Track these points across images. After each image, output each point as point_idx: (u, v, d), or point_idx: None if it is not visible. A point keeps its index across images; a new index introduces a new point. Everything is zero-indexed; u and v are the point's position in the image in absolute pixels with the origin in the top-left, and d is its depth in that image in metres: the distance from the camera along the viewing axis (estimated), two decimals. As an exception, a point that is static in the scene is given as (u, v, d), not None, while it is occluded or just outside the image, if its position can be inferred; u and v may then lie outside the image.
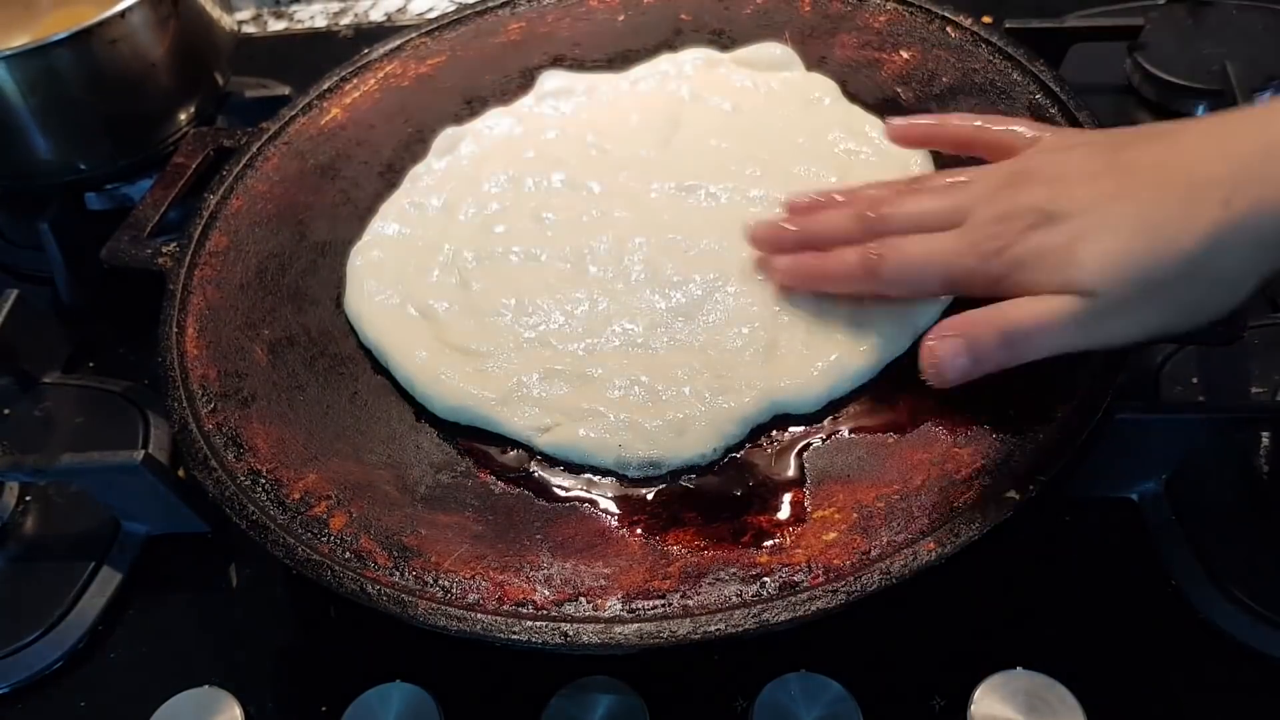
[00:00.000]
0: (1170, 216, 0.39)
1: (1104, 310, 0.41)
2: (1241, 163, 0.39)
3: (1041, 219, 0.43)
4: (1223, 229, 0.38)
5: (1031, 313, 0.42)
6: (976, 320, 0.43)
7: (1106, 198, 0.41)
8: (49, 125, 0.72)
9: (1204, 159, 0.40)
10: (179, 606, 0.58)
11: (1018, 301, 0.43)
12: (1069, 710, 0.46)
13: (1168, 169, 0.41)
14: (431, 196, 0.66)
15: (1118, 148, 0.44)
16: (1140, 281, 0.40)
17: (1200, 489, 0.54)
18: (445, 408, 0.55)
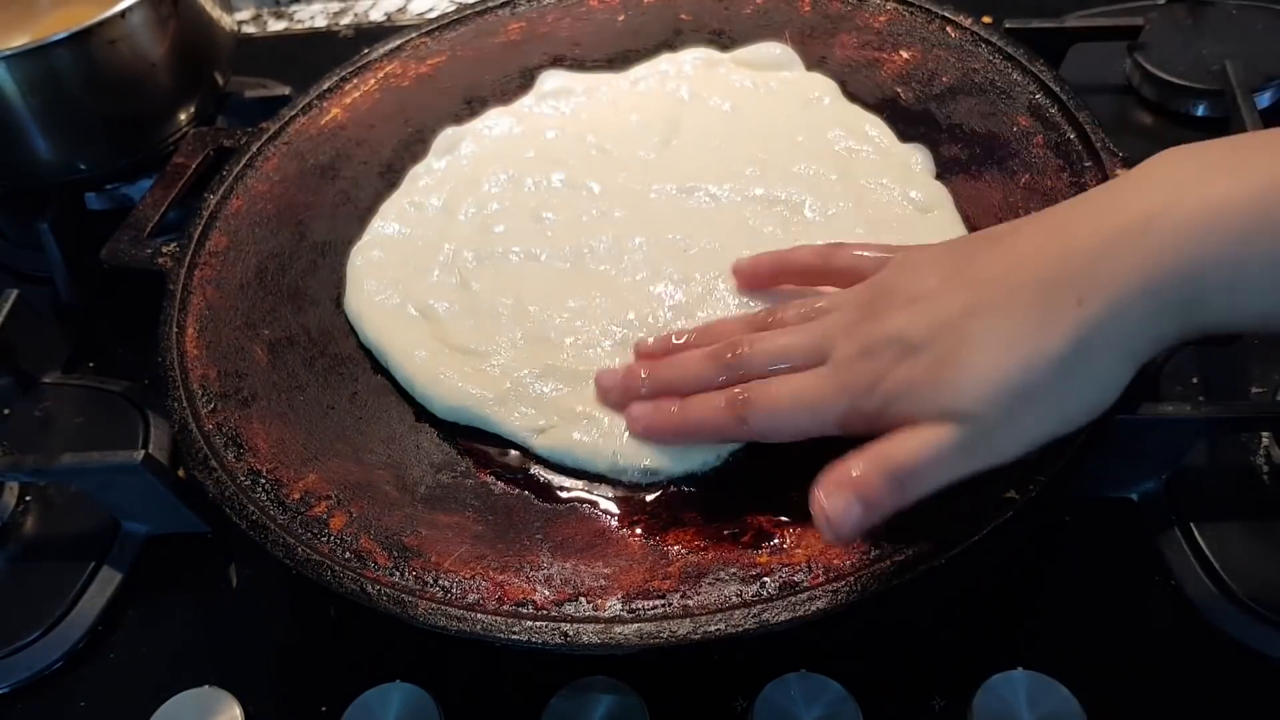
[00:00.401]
0: (1029, 325, 0.39)
1: (985, 432, 0.40)
2: (1085, 258, 0.38)
3: (905, 350, 0.41)
4: (1083, 328, 0.38)
5: (914, 449, 0.40)
6: (863, 471, 0.41)
7: (962, 317, 0.40)
8: (49, 125, 0.72)
9: (1047, 260, 0.39)
10: (179, 606, 0.58)
11: (898, 438, 0.41)
12: (1069, 710, 0.46)
13: (1016, 276, 0.40)
14: (431, 196, 0.66)
15: (965, 260, 0.43)
16: (1015, 396, 0.39)
17: (1200, 489, 0.54)
18: (444, 407, 0.55)
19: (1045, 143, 0.61)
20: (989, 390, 0.39)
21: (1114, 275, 0.37)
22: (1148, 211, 0.38)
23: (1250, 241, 0.36)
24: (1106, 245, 0.38)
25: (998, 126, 0.63)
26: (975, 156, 0.62)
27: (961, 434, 0.39)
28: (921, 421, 0.40)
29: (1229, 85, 0.70)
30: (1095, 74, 0.79)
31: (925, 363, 0.41)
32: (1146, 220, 0.37)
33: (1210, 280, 0.37)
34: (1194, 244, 0.36)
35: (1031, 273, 0.40)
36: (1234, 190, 0.36)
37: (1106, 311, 0.37)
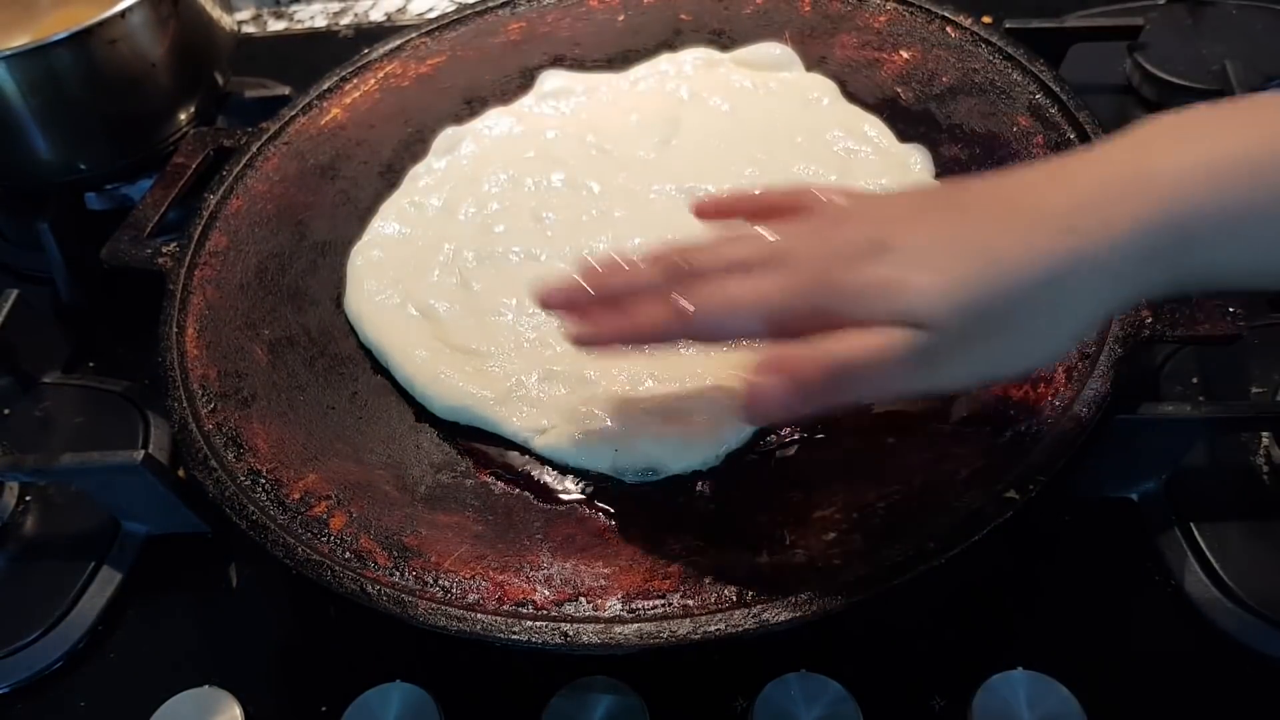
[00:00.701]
0: (1011, 244, 0.37)
1: (939, 345, 0.37)
2: (1085, 195, 0.38)
3: (871, 249, 0.39)
4: (1068, 257, 0.37)
5: (860, 348, 0.38)
6: (802, 356, 0.39)
7: (939, 226, 0.39)
8: (49, 125, 0.72)
9: (1045, 193, 0.39)
10: (179, 606, 0.58)
11: (846, 335, 0.38)
12: (1069, 710, 0.46)
13: (1008, 202, 0.39)
14: (431, 196, 0.66)
15: (943, 193, 0.43)
16: (978, 312, 0.37)
17: (1200, 489, 0.54)
18: (444, 407, 0.55)
19: (1045, 143, 0.61)
20: (952, 300, 0.37)
21: (1111, 212, 0.37)
22: (1145, 163, 0.38)
23: (1244, 195, 0.36)
24: (1105, 188, 0.38)
25: (998, 126, 0.63)
26: (975, 156, 0.62)
27: (913, 342, 0.37)
28: (876, 325, 0.38)
29: (1229, 85, 0.70)
30: (1095, 74, 0.79)
31: (890, 264, 0.38)
32: (1145, 170, 0.38)
33: (1204, 231, 0.37)
34: (1192, 193, 0.37)
35: (1026, 200, 0.39)
36: (1230, 146, 0.37)
37: (1098, 243, 0.37)
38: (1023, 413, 0.49)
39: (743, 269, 0.42)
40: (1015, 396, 0.50)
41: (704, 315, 0.42)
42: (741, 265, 0.43)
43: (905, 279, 0.38)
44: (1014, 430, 0.48)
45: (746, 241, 0.44)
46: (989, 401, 0.50)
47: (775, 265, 0.42)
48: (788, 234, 0.43)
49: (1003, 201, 0.39)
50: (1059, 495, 0.55)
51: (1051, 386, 0.49)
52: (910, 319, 0.37)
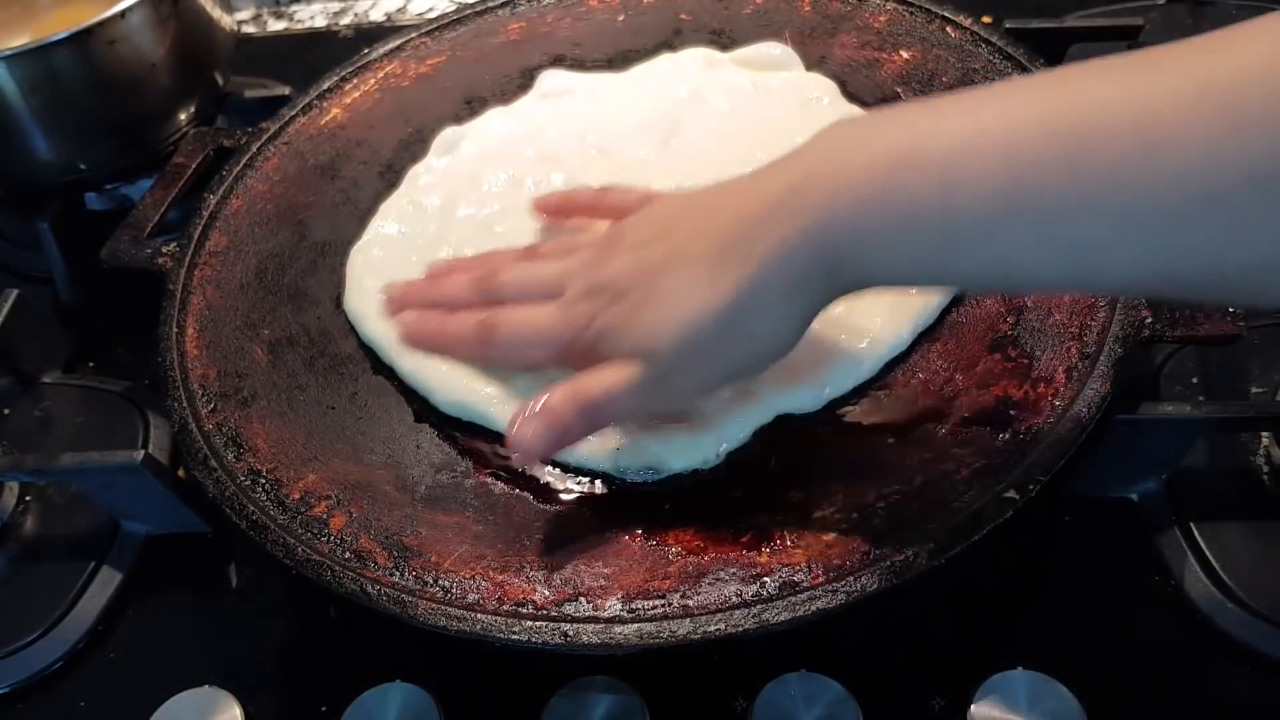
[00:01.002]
0: (705, 281, 0.42)
1: (661, 374, 0.44)
2: (751, 224, 0.42)
3: (615, 295, 0.46)
4: (743, 287, 0.41)
5: (600, 382, 0.45)
6: (554, 401, 0.45)
7: (660, 268, 0.44)
8: (49, 125, 0.72)
9: (727, 220, 0.43)
10: (179, 606, 0.58)
11: (593, 373, 0.46)
12: (1069, 710, 0.46)
13: (708, 231, 0.44)
14: (431, 196, 0.66)
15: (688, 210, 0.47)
16: (686, 344, 0.43)
17: (1200, 489, 0.54)
18: (446, 402, 0.55)
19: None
20: (666, 336, 0.43)
21: (768, 239, 0.41)
22: (799, 180, 0.41)
23: (866, 213, 0.39)
24: (767, 211, 0.41)
25: (998, 126, 0.63)
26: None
27: (643, 372, 0.44)
28: (616, 359, 0.45)
29: (1229, 85, 0.69)
30: (1095, 74, 0.78)
31: (625, 307, 0.45)
32: (796, 188, 0.41)
33: (844, 244, 0.39)
34: (827, 210, 0.39)
35: (716, 234, 0.43)
36: (866, 159, 0.39)
37: (762, 272, 0.41)
38: (1023, 413, 0.49)
39: (531, 294, 0.50)
40: (1015, 396, 0.50)
41: (498, 343, 0.51)
42: (530, 290, 0.51)
43: (629, 322, 0.45)
44: (1014, 430, 0.48)
45: (542, 265, 0.52)
46: (989, 401, 0.50)
47: (557, 294, 0.49)
48: (571, 261, 0.50)
49: (706, 230, 0.44)
50: (1059, 495, 0.55)
51: (1051, 386, 0.49)
52: (636, 354, 0.44)
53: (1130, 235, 0.34)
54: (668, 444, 0.50)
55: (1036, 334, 0.52)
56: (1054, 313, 0.53)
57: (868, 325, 0.53)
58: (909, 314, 0.53)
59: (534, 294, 0.50)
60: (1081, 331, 0.51)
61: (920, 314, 0.54)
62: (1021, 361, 0.51)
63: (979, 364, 0.52)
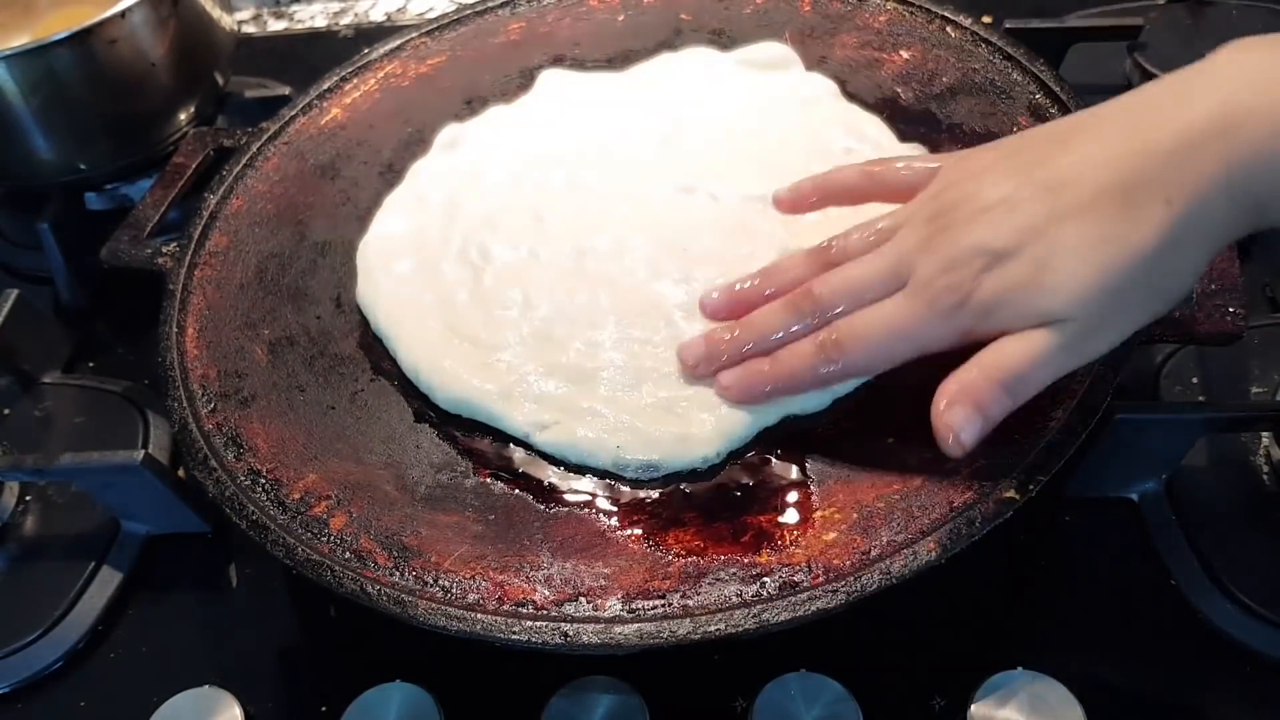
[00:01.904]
0: (1119, 227, 0.40)
1: (1085, 331, 0.41)
2: (1166, 158, 0.39)
3: (992, 259, 0.42)
4: (1174, 226, 0.39)
5: (1020, 354, 0.42)
6: (974, 380, 0.42)
7: (1049, 222, 0.41)
8: (49, 125, 0.72)
9: (1125, 163, 0.40)
10: (179, 606, 0.58)
11: (1002, 346, 0.42)
12: (1069, 710, 0.46)
13: (1098, 179, 0.41)
14: (435, 191, 0.66)
15: (1034, 163, 0.43)
16: (1112, 295, 0.40)
17: (1200, 489, 0.54)
18: (447, 399, 0.55)
19: (1045, 143, 0.61)
20: (1086, 293, 0.40)
21: (1198, 174, 0.38)
22: (1224, 109, 0.38)
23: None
24: (1186, 144, 0.39)
25: (998, 126, 0.63)
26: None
27: (1062, 336, 0.41)
28: (1020, 328, 0.42)
29: (1229, 85, 0.69)
30: (1095, 74, 0.79)
31: (1017, 271, 0.41)
32: (1224, 119, 0.38)
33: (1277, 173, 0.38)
34: (1267, 143, 0.38)
35: (1113, 175, 0.40)
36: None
37: (1194, 208, 0.39)
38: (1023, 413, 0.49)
39: (868, 297, 0.46)
40: (1015, 396, 0.49)
41: (854, 360, 0.46)
42: (866, 294, 0.46)
43: (1039, 285, 0.41)
44: (1014, 430, 0.48)
45: (865, 262, 0.47)
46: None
47: (897, 283, 0.45)
48: (900, 244, 0.45)
49: (1094, 176, 0.41)
50: (1059, 495, 0.55)
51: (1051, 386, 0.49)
52: (1054, 318, 0.41)
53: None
54: (668, 444, 0.50)
55: (1036, 334, 0.52)
56: (1054, 313, 0.52)
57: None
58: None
59: (870, 294, 0.46)
60: (1081, 331, 0.51)
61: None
62: (1021, 361, 0.51)
63: (979, 364, 0.52)
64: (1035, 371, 0.42)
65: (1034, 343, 0.41)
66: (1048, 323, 0.41)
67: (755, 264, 0.57)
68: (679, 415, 0.52)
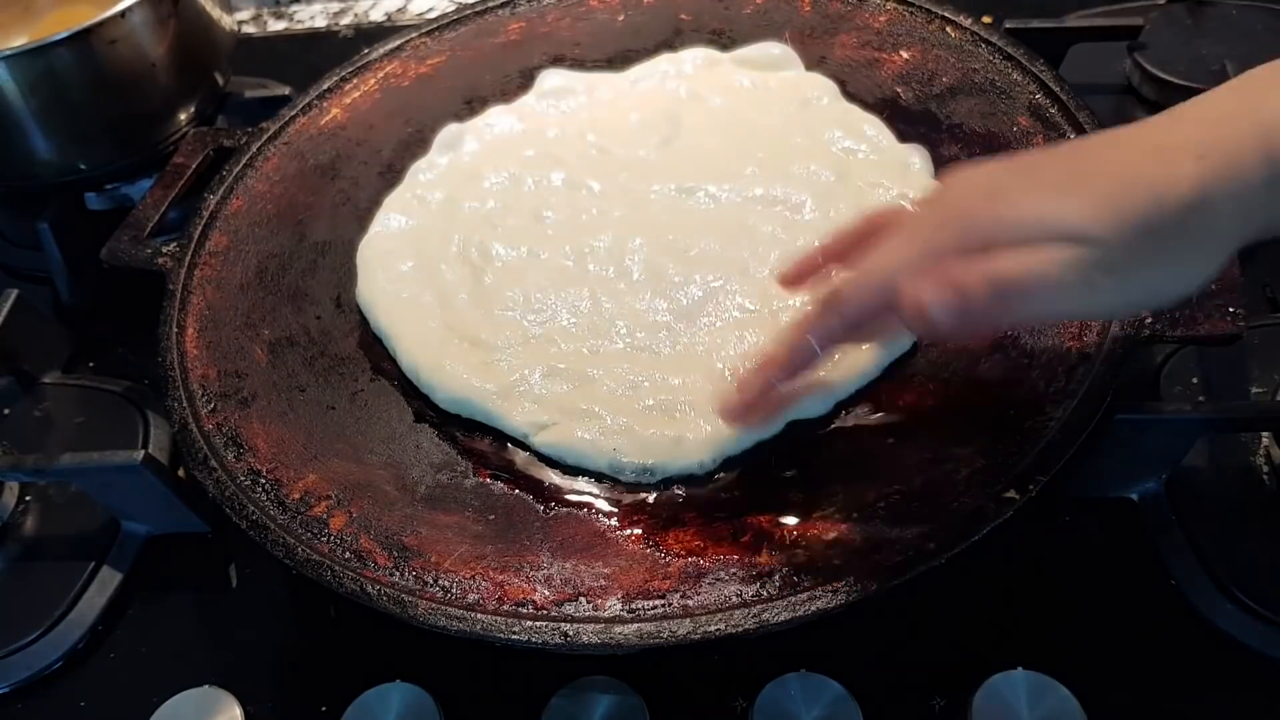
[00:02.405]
0: (1153, 174, 0.37)
1: (1103, 260, 0.37)
2: (1198, 127, 0.38)
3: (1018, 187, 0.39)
4: (1206, 179, 0.37)
5: (1027, 263, 0.37)
6: (966, 269, 0.38)
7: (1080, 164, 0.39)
8: (49, 125, 0.72)
9: (1167, 132, 0.39)
10: (179, 606, 0.58)
11: (1012, 253, 0.38)
12: (1069, 710, 0.46)
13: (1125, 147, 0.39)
14: (434, 191, 0.67)
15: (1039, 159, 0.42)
16: (1142, 227, 0.37)
17: (1200, 489, 0.54)
18: (447, 399, 0.55)
19: (1045, 142, 0.61)
20: (1118, 214, 0.37)
21: (1231, 138, 0.37)
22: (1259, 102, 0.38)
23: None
24: (1219, 118, 0.38)
25: (998, 126, 0.63)
26: (975, 156, 0.62)
27: (1081, 256, 0.37)
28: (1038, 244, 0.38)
29: (1229, 85, 0.69)
30: (1095, 74, 0.79)
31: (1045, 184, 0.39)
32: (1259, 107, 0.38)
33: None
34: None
35: (1148, 142, 0.39)
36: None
37: (1226, 166, 0.37)
38: (1023, 413, 0.49)
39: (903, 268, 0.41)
40: (1015, 396, 0.50)
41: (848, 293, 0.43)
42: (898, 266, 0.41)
43: (1062, 200, 0.38)
44: (1014, 430, 0.48)
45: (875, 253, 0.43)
46: (989, 402, 0.50)
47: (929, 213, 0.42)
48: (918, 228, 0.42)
49: (1122, 146, 0.39)
50: (1059, 495, 0.55)
51: (1051, 386, 0.49)
52: (1074, 235, 0.37)
53: None
54: (665, 447, 0.50)
55: (1036, 334, 0.52)
56: (1054, 313, 0.53)
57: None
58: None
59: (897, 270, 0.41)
60: (1081, 332, 0.51)
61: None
62: (1021, 362, 0.51)
63: (979, 364, 0.52)
64: (1035, 285, 0.37)
65: (1045, 255, 0.37)
66: (1072, 241, 0.37)
67: (755, 264, 0.57)
68: (677, 419, 0.52)
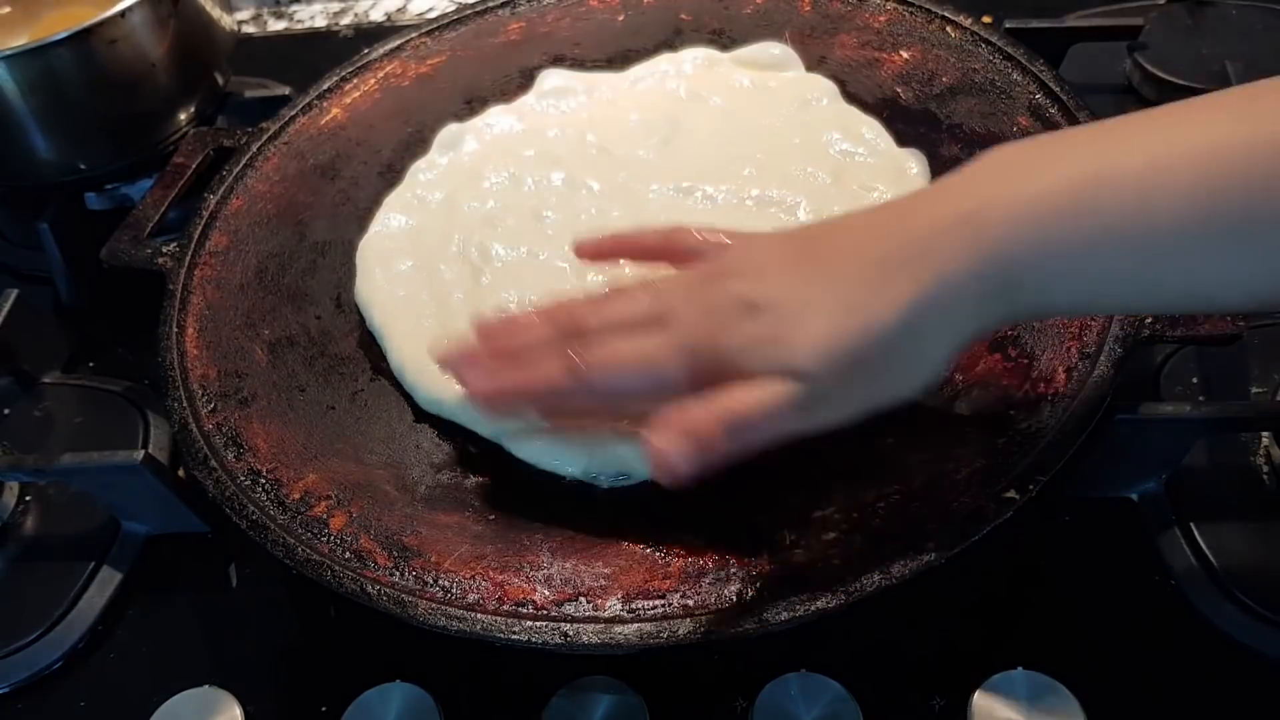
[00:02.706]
0: (868, 296, 0.40)
1: (819, 392, 0.41)
2: (919, 243, 0.40)
3: (748, 309, 0.42)
4: (915, 303, 0.39)
5: (750, 400, 0.41)
6: (697, 414, 0.41)
7: (806, 285, 0.42)
8: (49, 125, 0.71)
9: (888, 242, 0.41)
10: (179, 606, 0.58)
11: (734, 389, 0.42)
12: (1069, 710, 0.46)
13: (859, 254, 0.42)
14: (434, 191, 0.67)
15: (809, 241, 0.45)
16: (849, 361, 0.40)
17: (1200, 489, 0.54)
18: (426, 399, 0.55)
19: (1045, 143, 0.60)
20: (826, 352, 0.40)
21: (944, 257, 0.39)
22: (973, 204, 0.40)
23: (1057, 232, 0.38)
24: (938, 231, 0.40)
25: (998, 126, 0.63)
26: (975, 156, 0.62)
27: (796, 391, 0.41)
28: (760, 378, 0.41)
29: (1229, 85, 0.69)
30: (1095, 74, 0.79)
31: (767, 321, 0.42)
32: (971, 211, 0.40)
33: (1027, 266, 0.39)
34: (1011, 233, 0.39)
35: (872, 253, 0.42)
36: (1048, 183, 0.39)
37: (936, 289, 0.39)
38: (1023, 413, 0.49)
39: (629, 328, 0.45)
40: (1015, 396, 0.50)
41: (597, 376, 0.45)
42: (628, 324, 0.45)
43: (780, 337, 0.41)
44: (1014, 430, 0.48)
45: (631, 299, 0.47)
46: (989, 401, 0.50)
47: (659, 325, 0.45)
48: (668, 293, 0.46)
49: (856, 253, 0.42)
50: (1059, 495, 0.55)
51: (1051, 386, 0.49)
52: (789, 372, 0.41)
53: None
54: (639, 450, 0.50)
55: (1037, 334, 0.52)
56: (1054, 313, 0.53)
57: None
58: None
59: (628, 325, 0.46)
60: (1081, 331, 0.51)
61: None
62: (1021, 361, 0.51)
63: (979, 364, 0.52)
64: (760, 420, 0.41)
65: (765, 391, 0.41)
66: (787, 378, 0.41)
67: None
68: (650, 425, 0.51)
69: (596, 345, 0.46)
